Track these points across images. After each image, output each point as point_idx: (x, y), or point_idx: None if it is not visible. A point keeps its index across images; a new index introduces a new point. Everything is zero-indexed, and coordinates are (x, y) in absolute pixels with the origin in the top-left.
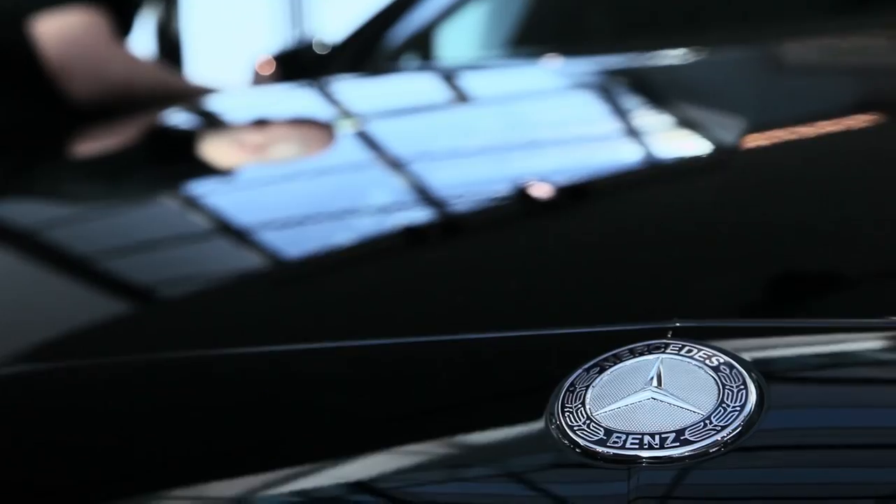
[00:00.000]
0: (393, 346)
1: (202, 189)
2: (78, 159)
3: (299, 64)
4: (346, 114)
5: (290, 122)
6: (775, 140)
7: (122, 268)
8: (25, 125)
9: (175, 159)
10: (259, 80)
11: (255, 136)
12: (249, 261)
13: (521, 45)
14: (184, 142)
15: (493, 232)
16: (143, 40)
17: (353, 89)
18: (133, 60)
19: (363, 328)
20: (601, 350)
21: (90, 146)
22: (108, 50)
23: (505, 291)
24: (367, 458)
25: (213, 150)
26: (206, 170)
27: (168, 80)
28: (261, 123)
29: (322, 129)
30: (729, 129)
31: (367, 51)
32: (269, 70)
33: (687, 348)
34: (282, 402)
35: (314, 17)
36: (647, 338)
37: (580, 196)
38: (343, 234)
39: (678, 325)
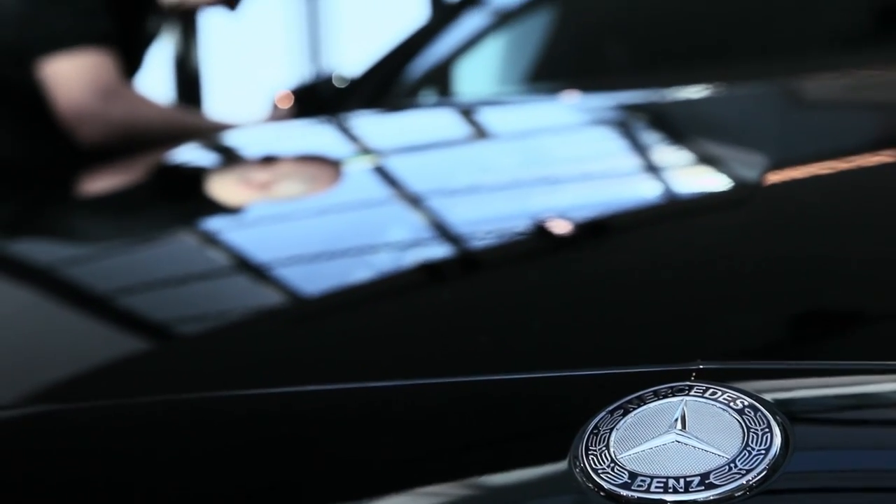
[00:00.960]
0: (413, 387)
1: (214, 227)
2: (89, 198)
3: (317, 98)
4: (364, 150)
5: (300, 159)
6: (798, 177)
7: (134, 307)
8: (30, 161)
9: (185, 198)
10: (277, 114)
11: (266, 174)
12: (264, 300)
13: (539, 80)
14: (195, 180)
15: (514, 270)
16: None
17: (370, 125)
18: (141, 101)
19: (382, 369)
20: (625, 392)
21: (100, 185)
22: (115, 92)
23: (526, 331)
24: (387, 500)
25: (225, 187)
26: (218, 208)
27: (177, 119)
28: (271, 160)
29: (333, 167)
30: (751, 165)
31: (384, 85)
32: (287, 104)
33: (711, 390)
34: (301, 444)
35: (332, 52)
36: (670, 380)
37: (601, 233)
38: (360, 272)
39: (702, 366)
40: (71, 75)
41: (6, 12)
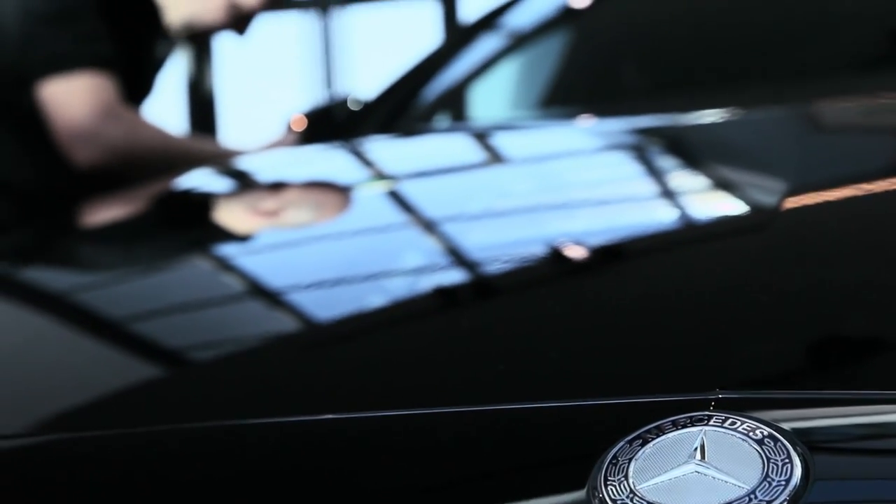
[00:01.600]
0: (430, 416)
1: (226, 253)
2: (99, 224)
3: (331, 122)
4: (378, 175)
5: (314, 185)
6: (816, 202)
7: (145, 335)
8: (31, 184)
9: (196, 224)
10: (291, 137)
11: (279, 200)
12: (277, 326)
13: (554, 104)
14: (207, 206)
15: (530, 296)
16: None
17: (384, 150)
18: (139, 125)
19: (398, 397)
20: (643, 421)
21: (109, 211)
22: (113, 115)
23: (544, 359)
24: None
25: (236, 214)
26: (230, 235)
27: (178, 145)
28: (284, 187)
29: (346, 192)
30: (769, 191)
31: (398, 109)
32: (301, 128)
33: (730, 420)
34: (316, 474)
35: (346, 75)
36: (689, 409)
37: (617, 259)
38: (374, 298)
39: (720, 396)
40: (68, 97)
41: (7, 34)
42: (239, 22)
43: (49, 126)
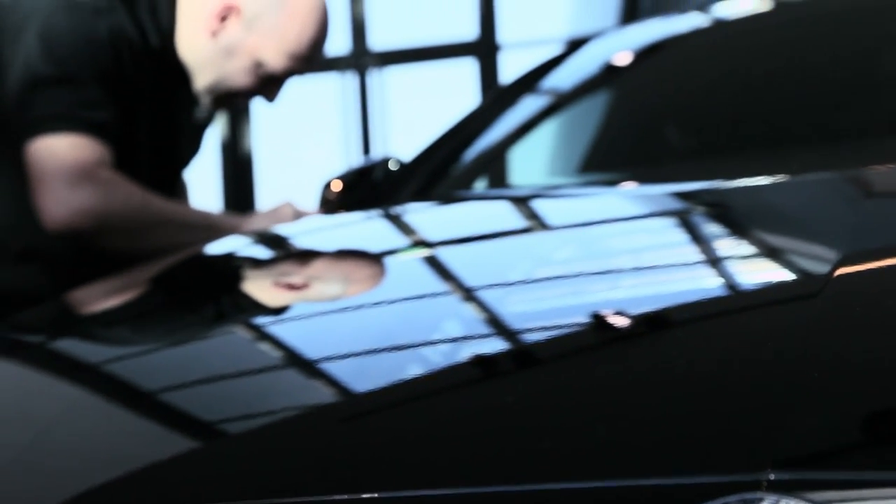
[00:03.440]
0: (473, 495)
1: (262, 323)
2: (128, 295)
3: (368, 185)
4: (418, 242)
5: (351, 253)
6: (869, 270)
7: (185, 407)
8: (21, 240)
9: (235, 294)
10: (328, 201)
11: (316, 269)
12: (316, 398)
13: (595, 168)
14: (245, 274)
15: (571, 368)
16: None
17: (422, 216)
18: (119, 192)
19: (437, 474)
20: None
21: (140, 279)
22: (86, 178)
23: (587, 435)
24: None
25: (276, 283)
26: (266, 305)
27: (168, 214)
28: (321, 255)
29: (384, 261)
30: (819, 259)
31: (437, 173)
32: (338, 192)
33: (783, 503)
34: None
35: (384, 137)
36: (739, 490)
37: (664, 330)
38: (413, 369)
39: (772, 477)
40: (45, 156)
41: (7, 92)
42: (267, 86)
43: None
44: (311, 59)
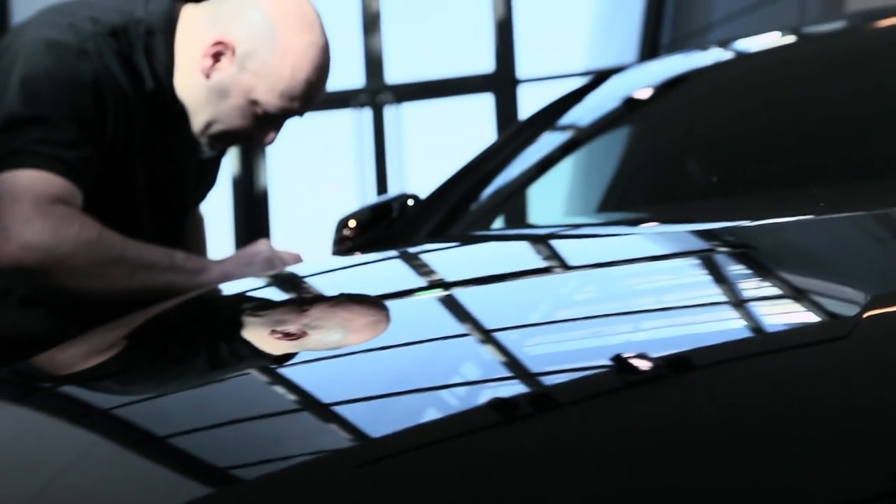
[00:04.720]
0: None
1: (278, 362)
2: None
3: (383, 225)
4: (434, 283)
5: (366, 298)
6: None
7: (196, 452)
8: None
9: (251, 336)
10: (342, 240)
11: (330, 311)
12: (333, 442)
13: (615, 208)
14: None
15: (593, 413)
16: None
17: (439, 257)
18: (71, 230)
19: None
20: None
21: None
22: (40, 216)
23: (609, 482)
24: None
25: (290, 326)
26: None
27: (125, 256)
28: (335, 298)
29: (399, 302)
30: (848, 299)
31: (453, 212)
32: (352, 231)
33: None
34: None
35: (399, 174)
36: None
37: (687, 373)
38: (430, 413)
39: None
40: (3, 190)
41: None
42: (264, 127)
43: None
44: (309, 100)
